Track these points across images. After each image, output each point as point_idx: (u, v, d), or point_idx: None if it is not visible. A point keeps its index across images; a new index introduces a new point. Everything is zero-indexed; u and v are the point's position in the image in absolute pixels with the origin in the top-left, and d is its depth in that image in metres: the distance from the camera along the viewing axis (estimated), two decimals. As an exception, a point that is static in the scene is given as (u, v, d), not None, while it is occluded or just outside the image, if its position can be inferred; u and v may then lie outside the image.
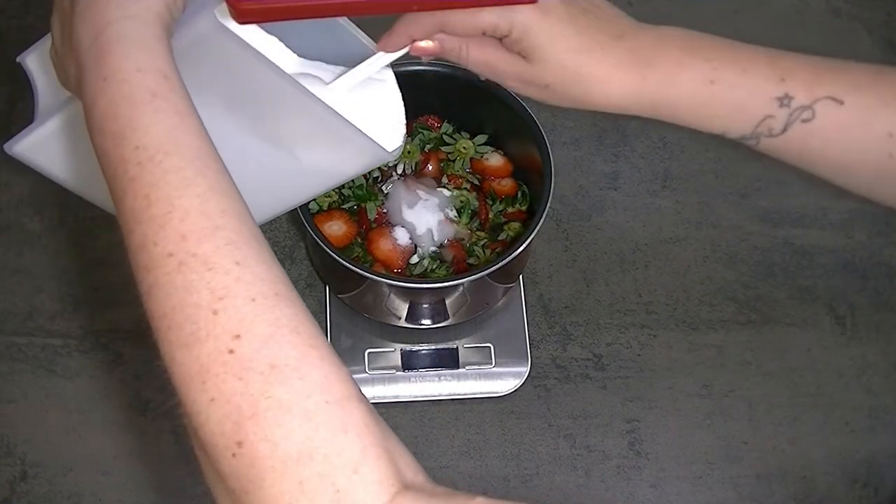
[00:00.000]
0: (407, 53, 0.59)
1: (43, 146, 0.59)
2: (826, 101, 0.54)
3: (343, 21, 0.63)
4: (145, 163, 0.43)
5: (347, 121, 0.59)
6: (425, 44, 0.57)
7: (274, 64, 0.54)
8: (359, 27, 0.62)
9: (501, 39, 0.56)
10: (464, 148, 0.87)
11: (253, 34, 0.54)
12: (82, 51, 0.46)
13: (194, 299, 0.41)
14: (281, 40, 0.56)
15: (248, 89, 0.56)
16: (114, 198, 0.45)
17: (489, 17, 0.54)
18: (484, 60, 0.58)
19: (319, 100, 0.57)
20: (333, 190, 0.84)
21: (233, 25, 0.52)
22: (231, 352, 0.40)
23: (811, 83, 0.54)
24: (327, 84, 0.59)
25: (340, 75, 0.60)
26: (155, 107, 0.44)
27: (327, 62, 0.62)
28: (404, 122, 0.64)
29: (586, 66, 0.55)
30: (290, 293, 0.43)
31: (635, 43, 0.55)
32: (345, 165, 0.64)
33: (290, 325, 0.41)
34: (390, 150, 0.63)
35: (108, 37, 0.45)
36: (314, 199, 0.83)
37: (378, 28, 0.59)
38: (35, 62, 0.62)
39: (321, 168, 0.64)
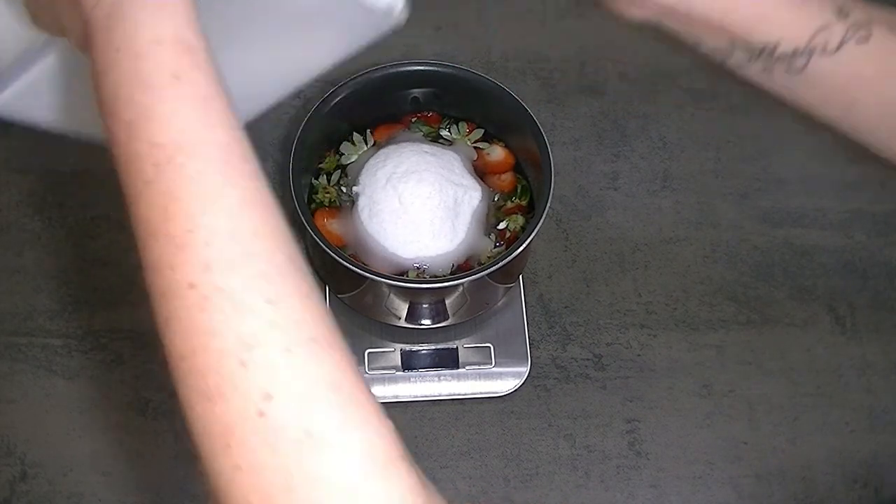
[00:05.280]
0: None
1: (24, 98, 0.51)
2: (882, 26, 0.53)
3: None
4: (163, 165, 0.36)
5: None
6: None
7: None
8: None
9: None
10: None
11: None
12: (88, 6, 0.39)
13: (219, 344, 0.36)
14: None
15: None
16: (126, 198, 0.38)
17: None
18: None
19: None
20: (333, 186, 0.84)
21: None
22: (261, 414, 0.35)
23: (868, 9, 0.53)
24: None
25: None
26: (176, 93, 0.37)
27: None
28: None
29: None
30: (329, 334, 0.38)
31: None
32: (343, 38, 0.58)
33: (328, 379, 0.36)
34: (397, 12, 0.56)
35: None
36: (314, 195, 0.83)
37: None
38: None
39: (319, 44, 0.58)
